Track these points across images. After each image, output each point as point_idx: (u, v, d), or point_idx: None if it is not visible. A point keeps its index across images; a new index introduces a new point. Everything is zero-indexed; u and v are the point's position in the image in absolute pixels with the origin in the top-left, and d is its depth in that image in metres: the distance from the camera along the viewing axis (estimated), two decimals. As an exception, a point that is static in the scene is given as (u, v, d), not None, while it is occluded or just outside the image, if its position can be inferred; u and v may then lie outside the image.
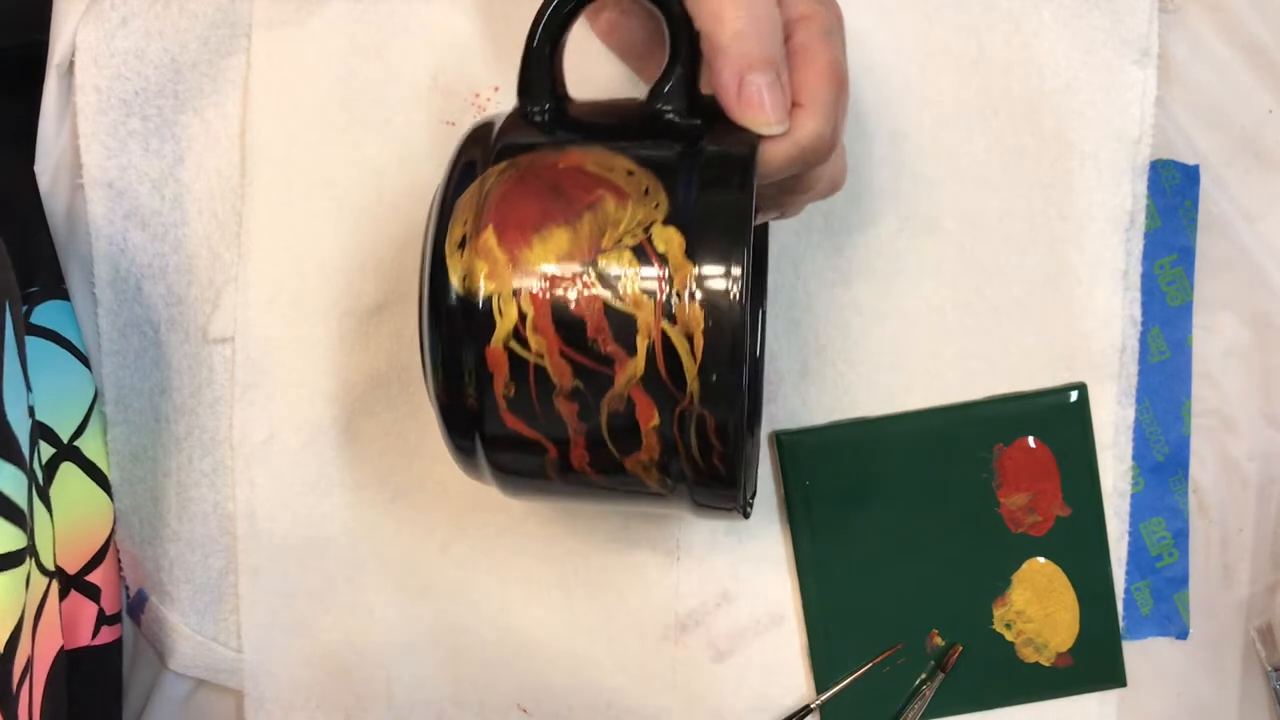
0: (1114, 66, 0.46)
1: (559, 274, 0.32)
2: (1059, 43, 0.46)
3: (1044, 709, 0.47)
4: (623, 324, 0.31)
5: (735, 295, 0.31)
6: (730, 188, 0.32)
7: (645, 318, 0.31)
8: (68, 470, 0.43)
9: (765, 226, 0.45)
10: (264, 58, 0.45)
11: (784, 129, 0.33)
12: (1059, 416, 0.46)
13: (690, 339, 0.31)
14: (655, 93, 0.35)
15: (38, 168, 0.46)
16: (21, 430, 0.36)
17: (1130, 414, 0.47)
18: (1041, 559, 0.47)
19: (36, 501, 0.38)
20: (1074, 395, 0.46)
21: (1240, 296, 0.48)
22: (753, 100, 0.32)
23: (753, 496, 0.41)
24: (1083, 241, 0.46)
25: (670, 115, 0.34)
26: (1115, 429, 0.47)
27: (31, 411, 0.38)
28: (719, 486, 0.33)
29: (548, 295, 0.32)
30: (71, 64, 0.45)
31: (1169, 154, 0.47)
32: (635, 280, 0.31)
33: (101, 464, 0.44)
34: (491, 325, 0.32)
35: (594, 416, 0.32)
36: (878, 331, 0.47)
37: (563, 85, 0.37)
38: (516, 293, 0.32)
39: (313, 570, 0.46)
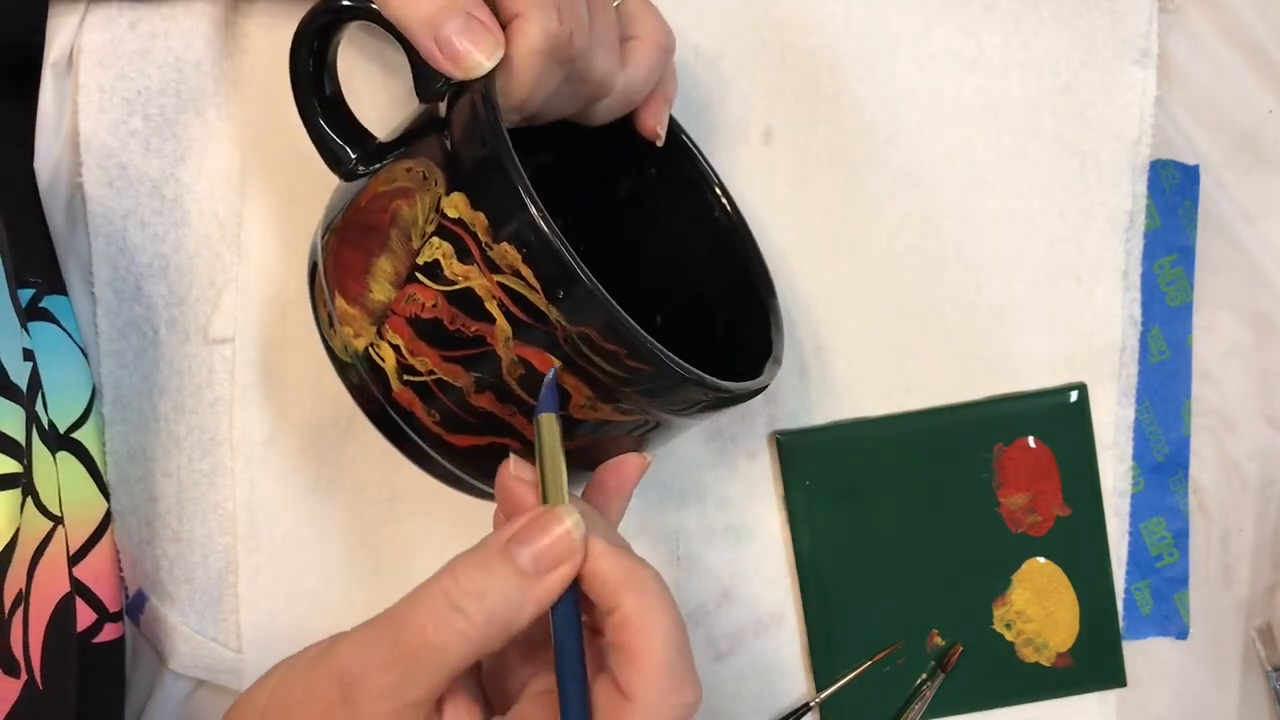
0: (1114, 66, 0.46)
1: (399, 295, 0.33)
2: (1059, 43, 0.46)
3: (1044, 709, 0.47)
4: (466, 301, 0.32)
5: (525, 211, 0.31)
6: (476, 124, 0.32)
7: (478, 283, 0.32)
8: (64, 460, 0.43)
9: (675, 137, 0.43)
10: (265, 58, 0.45)
11: (497, 58, 0.33)
12: (1059, 416, 0.46)
13: (520, 275, 0.31)
14: (417, 87, 0.36)
15: (37, 165, 0.46)
16: (14, 366, 0.36)
17: (1130, 414, 0.47)
18: (1041, 559, 0.47)
19: (39, 444, 0.38)
20: (1074, 395, 0.46)
21: (1240, 296, 0.48)
22: (454, 52, 0.33)
23: (778, 359, 0.39)
24: (1083, 241, 0.46)
25: (436, 97, 0.35)
26: (1115, 429, 0.47)
27: (29, 355, 0.38)
28: (659, 382, 0.33)
29: (402, 319, 0.33)
30: (69, 62, 0.45)
31: (1169, 154, 0.48)
32: (451, 257, 0.32)
33: (98, 459, 0.44)
34: (383, 373, 0.34)
35: (510, 393, 0.33)
36: (878, 331, 0.46)
37: (358, 131, 0.38)
38: (381, 334, 0.34)
39: (313, 570, 0.46)
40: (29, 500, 0.37)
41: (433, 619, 0.30)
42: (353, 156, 0.37)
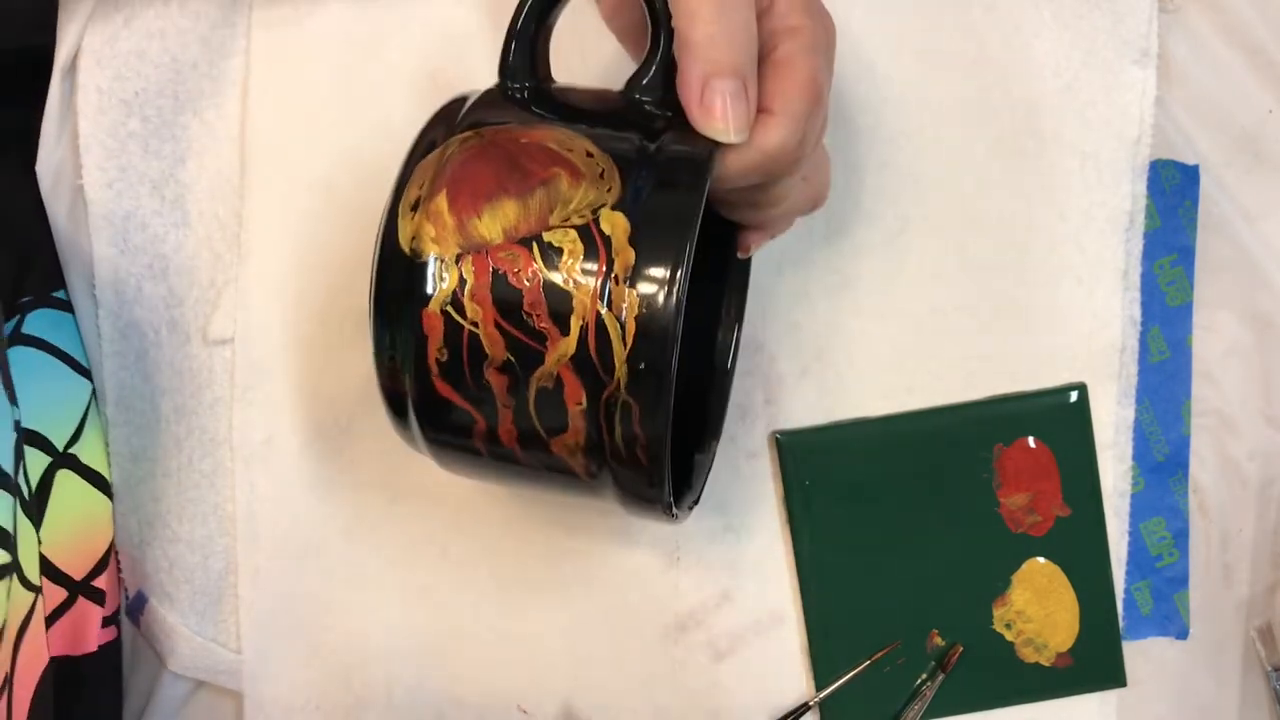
0: (1114, 66, 0.46)
1: (503, 245, 0.32)
2: (1059, 43, 0.46)
3: (1044, 709, 0.47)
4: (559, 301, 0.32)
5: (672, 287, 0.31)
6: (682, 183, 0.32)
7: (582, 297, 0.32)
8: (65, 477, 0.42)
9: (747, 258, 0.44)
10: (263, 58, 0.45)
11: (742, 139, 0.33)
12: (1059, 416, 0.46)
13: (622, 324, 0.31)
14: (632, 83, 0.35)
15: (40, 168, 0.46)
16: (3, 450, 0.35)
17: (1130, 414, 0.47)
18: (1041, 559, 0.47)
19: (21, 517, 0.38)
20: (1074, 395, 0.46)
21: (1240, 296, 0.48)
22: (713, 107, 0.32)
23: (694, 503, 0.40)
24: (1083, 241, 0.46)
25: (644, 106, 0.35)
26: (1115, 429, 0.47)
27: (16, 426, 0.38)
28: (641, 478, 0.33)
29: (489, 265, 0.32)
30: (74, 65, 0.45)
31: (1169, 154, 0.47)
32: (577, 260, 0.32)
33: (101, 468, 0.44)
34: (431, 288, 0.33)
35: (522, 392, 0.33)
36: (878, 331, 0.46)
37: (546, 68, 0.37)
38: (459, 259, 0.32)
39: (313, 571, 0.46)
40: (14, 581, 0.37)
41: None
42: (525, 85, 0.36)
